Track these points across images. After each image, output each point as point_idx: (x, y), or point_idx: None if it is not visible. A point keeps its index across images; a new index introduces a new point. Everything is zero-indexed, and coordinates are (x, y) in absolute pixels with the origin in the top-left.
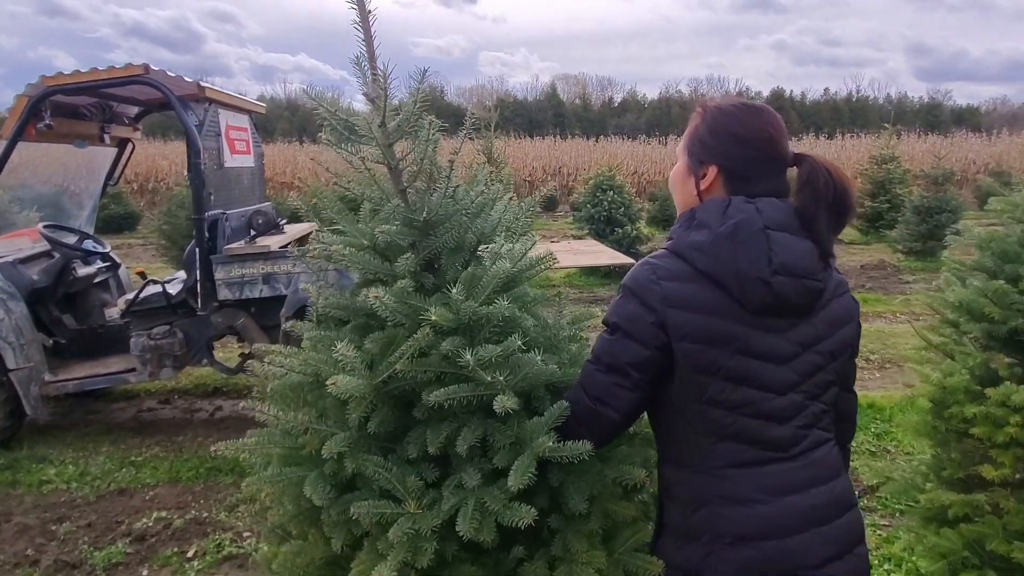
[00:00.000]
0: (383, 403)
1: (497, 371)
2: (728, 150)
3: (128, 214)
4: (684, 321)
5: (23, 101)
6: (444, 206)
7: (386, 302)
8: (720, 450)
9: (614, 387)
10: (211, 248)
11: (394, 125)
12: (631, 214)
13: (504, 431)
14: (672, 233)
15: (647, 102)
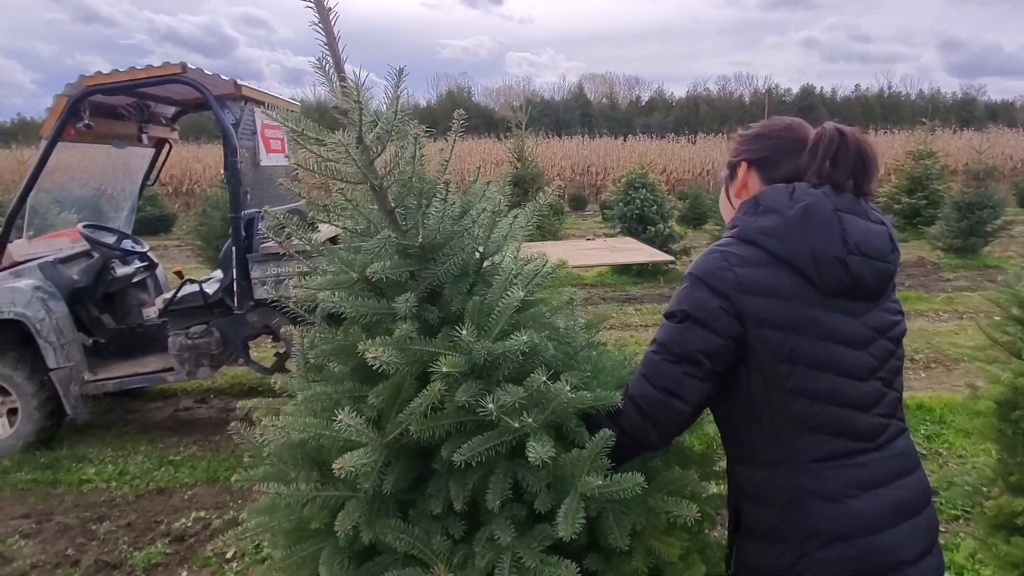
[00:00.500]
0: (396, 458)
1: (524, 413)
2: (751, 146)
3: (163, 216)
4: (761, 307)
5: (63, 101)
6: (443, 226)
7: (387, 359)
8: (806, 444)
9: (685, 376)
10: (247, 247)
11: (372, 137)
12: (664, 212)
13: (538, 472)
14: (736, 221)
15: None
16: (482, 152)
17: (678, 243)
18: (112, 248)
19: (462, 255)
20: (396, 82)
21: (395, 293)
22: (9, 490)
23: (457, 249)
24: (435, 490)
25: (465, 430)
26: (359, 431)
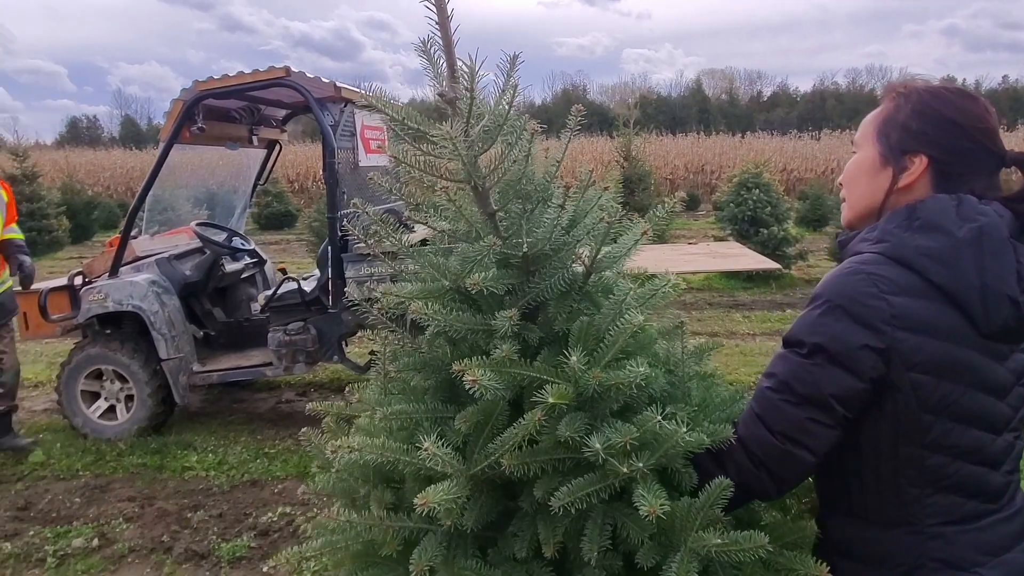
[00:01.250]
0: (481, 493)
1: (633, 455)
2: (942, 139)
3: (287, 212)
4: (917, 347)
5: (179, 105)
6: (554, 236)
7: (488, 384)
8: (936, 504)
9: (810, 423)
10: (343, 247)
11: (479, 132)
12: (778, 214)
13: (641, 522)
14: (884, 234)
15: (799, 95)
16: (594, 151)
17: (793, 247)
18: (222, 245)
19: (569, 271)
20: (509, 69)
21: (490, 306)
22: (121, 472)
23: (566, 262)
24: (519, 530)
25: (562, 468)
26: (445, 461)
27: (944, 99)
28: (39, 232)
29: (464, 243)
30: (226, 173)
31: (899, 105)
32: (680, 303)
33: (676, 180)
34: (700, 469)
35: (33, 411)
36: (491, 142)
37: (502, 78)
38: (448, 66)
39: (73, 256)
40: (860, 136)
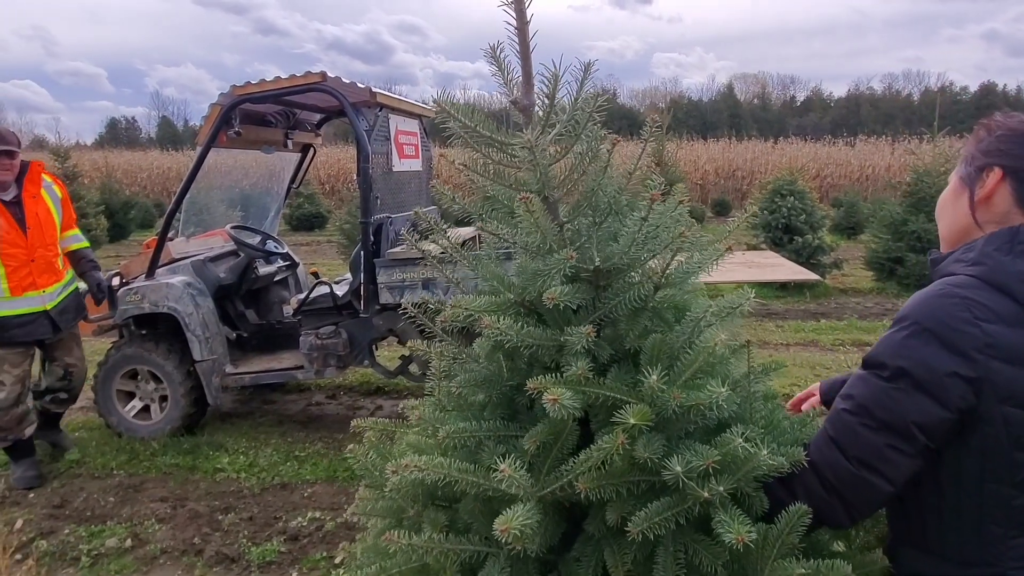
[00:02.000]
0: (546, 515)
1: (713, 479)
2: (1013, 149)
3: (318, 214)
4: (1012, 379)
5: (216, 110)
6: (629, 251)
7: (567, 404)
8: (1021, 546)
9: (889, 450)
10: (375, 252)
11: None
12: (813, 222)
13: (714, 548)
14: (982, 256)
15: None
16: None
17: (828, 256)
18: (256, 248)
19: (644, 287)
20: (583, 78)
21: (556, 321)
22: (155, 472)
23: (640, 277)
24: (583, 555)
25: (636, 492)
26: (520, 483)
27: (1020, 119)
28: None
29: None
30: (260, 176)
31: (981, 136)
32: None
33: (707, 186)
34: (769, 495)
35: (70, 409)
36: (565, 152)
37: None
38: (524, 73)
39: (111, 254)
40: (952, 175)
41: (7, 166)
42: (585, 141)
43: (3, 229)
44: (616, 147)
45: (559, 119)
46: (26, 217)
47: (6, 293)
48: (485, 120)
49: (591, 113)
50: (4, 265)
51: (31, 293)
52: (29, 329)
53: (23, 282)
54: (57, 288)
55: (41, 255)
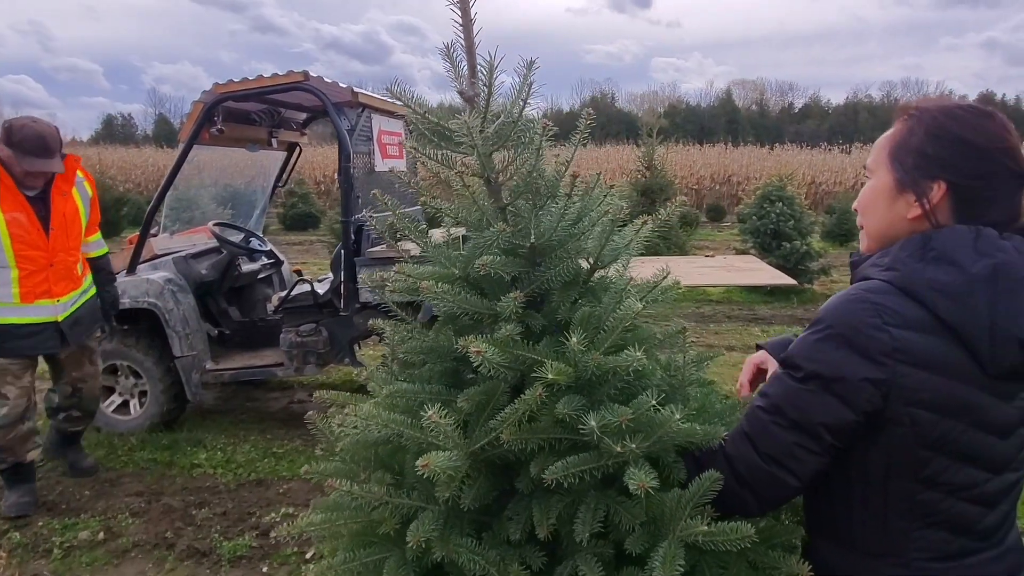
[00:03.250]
0: (479, 472)
1: (627, 437)
2: (959, 163)
3: (310, 213)
4: (919, 383)
5: (199, 107)
6: (558, 230)
7: (491, 359)
8: (923, 539)
9: (797, 448)
10: (355, 250)
11: (495, 128)
12: (802, 228)
13: (633, 508)
14: (895, 262)
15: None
16: (620, 159)
17: (816, 262)
18: (238, 246)
19: (573, 261)
20: (526, 72)
21: (496, 294)
22: (132, 467)
23: (571, 253)
24: (514, 514)
25: (558, 449)
26: (447, 433)
27: (959, 119)
28: None
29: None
30: (249, 174)
31: (912, 128)
32: (699, 315)
33: (702, 190)
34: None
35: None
36: (505, 139)
37: (522, 81)
38: (469, 66)
39: None
40: (873, 161)
41: (37, 180)
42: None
43: (23, 227)
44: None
45: (506, 112)
46: (51, 216)
47: (15, 299)
48: (432, 108)
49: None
50: (18, 268)
51: (43, 301)
52: (34, 341)
53: (36, 288)
54: (73, 296)
55: (61, 260)
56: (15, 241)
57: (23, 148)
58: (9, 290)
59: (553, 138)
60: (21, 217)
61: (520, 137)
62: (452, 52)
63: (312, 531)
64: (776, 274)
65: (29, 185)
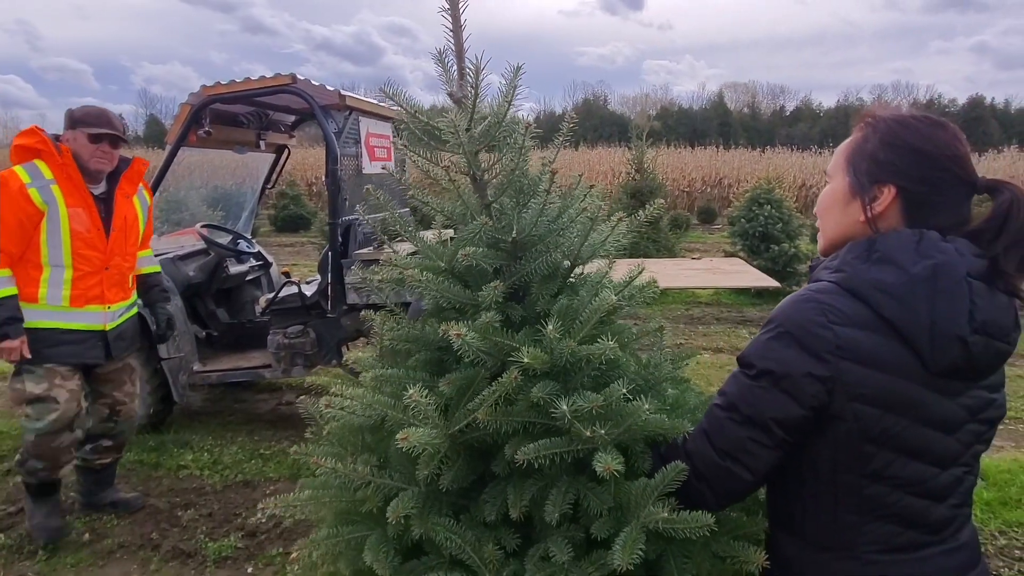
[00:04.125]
0: (457, 455)
1: (597, 423)
2: (909, 169)
3: (302, 215)
4: (861, 379)
5: (186, 109)
6: (537, 225)
7: (469, 341)
8: (873, 532)
9: (750, 443)
10: (343, 252)
11: (482, 129)
12: (790, 231)
13: (601, 494)
14: (843, 264)
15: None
16: (612, 161)
17: (804, 264)
18: (226, 248)
19: (553, 256)
20: (513, 76)
21: (479, 286)
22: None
23: (551, 248)
24: (491, 497)
25: (532, 432)
26: (427, 413)
27: (912, 128)
28: None
29: (455, 222)
30: (237, 176)
31: (867, 135)
32: (688, 317)
33: (693, 193)
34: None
35: None
36: (491, 138)
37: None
38: (458, 69)
39: None
40: (832, 166)
41: (106, 154)
42: (508, 131)
43: (84, 225)
44: (528, 129)
45: (493, 113)
46: (113, 217)
47: (64, 302)
48: (421, 107)
49: (510, 102)
50: (73, 268)
51: (93, 307)
52: (79, 349)
53: (88, 292)
54: (122, 307)
55: (117, 265)
56: (75, 238)
57: (87, 121)
58: (60, 292)
59: (542, 140)
60: (83, 214)
61: (505, 137)
62: (443, 57)
63: (299, 507)
64: (760, 276)
65: (96, 170)
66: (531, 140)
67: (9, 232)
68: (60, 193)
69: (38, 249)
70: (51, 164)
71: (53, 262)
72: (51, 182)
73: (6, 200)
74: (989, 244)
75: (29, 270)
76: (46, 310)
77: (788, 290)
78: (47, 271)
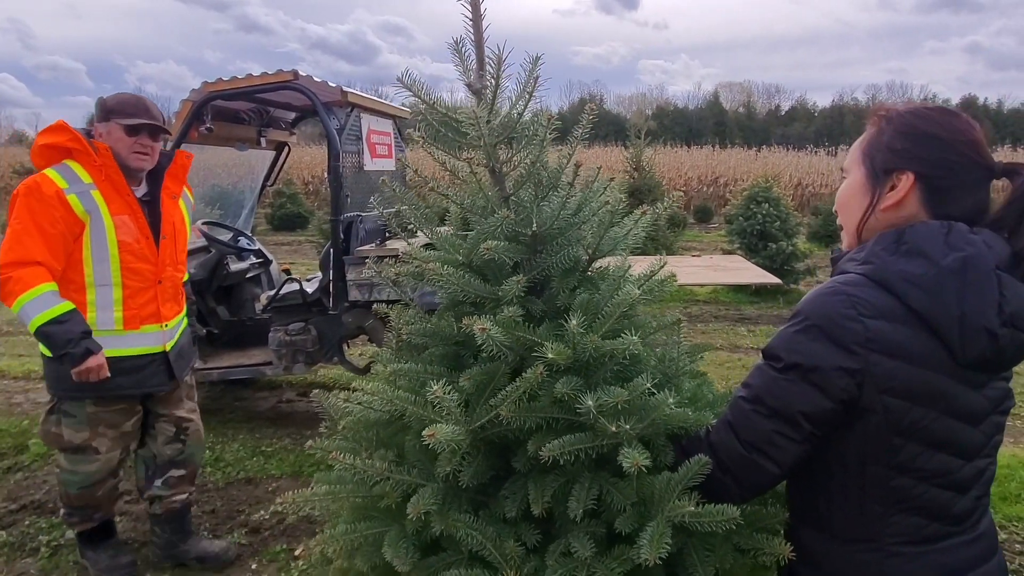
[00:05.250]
0: (478, 451)
1: (622, 418)
2: (926, 154)
3: (299, 214)
4: (891, 371)
5: (187, 106)
6: (559, 219)
7: (494, 336)
8: (899, 524)
9: (777, 436)
10: (344, 249)
11: (500, 121)
12: (788, 229)
13: (624, 489)
14: (870, 256)
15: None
16: (609, 160)
17: (802, 262)
18: (227, 245)
19: (574, 249)
20: (531, 68)
21: (498, 280)
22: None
23: (572, 242)
24: (511, 492)
25: (555, 428)
26: (450, 409)
27: (925, 117)
28: None
29: (475, 214)
30: (237, 173)
31: (882, 128)
32: (686, 315)
33: (689, 192)
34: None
35: (37, 403)
36: (510, 130)
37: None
38: (477, 59)
39: None
40: (849, 162)
41: (146, 148)
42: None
43: (132, 235)
44: (551, 122)
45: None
46: (162, 223)
47: (117, 325)
48: (441, 99)
49: (530, 92)
50: (123, 285)
51: (150, 327)
52: (139, 378)
53: (142, 311)
54: (177, 321)
55: (169, 276)
56: (123, 251)
57: (122, 110)
58: (111, 314)
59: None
60: (130, 222)
61: (524, 130)
62: (460, 47)
63: (316, 502)
64: (761, 273)
65: (136, 168)
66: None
67: (49, 244)
68: (102, 199)
69: (80, 268)
70: (87, 165)
71: (99, 281)
72: (90, 186)
73: (42, 209)
74: (1013, 232)
75: (71, 293)
76: (99, 336)
77: (789, 288)
78: (92, 292)
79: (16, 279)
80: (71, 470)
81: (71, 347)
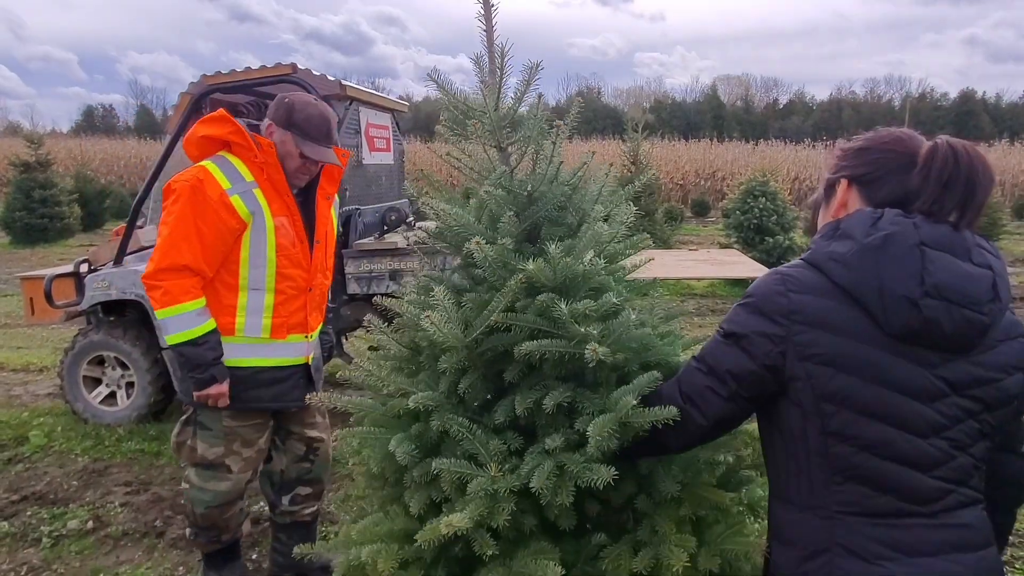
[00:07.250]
0: (475, 366)
1: (591, 326)
2: (856, 161)
3: None
4: (812, 339)
5: (186, 98)
6: (547, 181)
7: (486, 250)
8: (844, 492)
9: (707, 391)
10: (343, 243)
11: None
12: (784, 223)
13: (592, 398)
14: (812, 243)
15: (815, 104)
16: (606, 153)
17: (798, 256)
18: None
19: (559, 201)
20: (531, 71)
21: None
22: (120, 457)
23: (556, 195)
24: (500, 406)
25: (537, 338)
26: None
27: (857, 138)
28: (51, 219)
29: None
30: None
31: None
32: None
33: (687, 186)
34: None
35: (37, 395)
36: (514, 114)
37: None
38: (489, 55)
39: (84, 243)
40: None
41: (314, 169)
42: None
43: (289, 239)
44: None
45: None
46: (316, 227)
47: (264, 332)
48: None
49: (530, 82)
50: (276, 291)
51: (295, 337)
52: (282, 390)
53: (291, 319)
54: (319, 332)
55: (319, 284)
56: (280, 255)
57: (305, 131)
58: (260, 320)
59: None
60: (288, 225)
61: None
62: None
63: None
64: (757, 267)
65: (296, 183)
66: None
67: (207, 249)
68: (264, 200)
69: (236, 269)
70: (248, 161)
71: (253, 285)
72: (252, 185)
73: (205, 211)
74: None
75: (222, 295)
76: (244, 344)
77: None
78: (244, 296)
79: (166, 290)
80: (201, 487)
81: (199, 372)
